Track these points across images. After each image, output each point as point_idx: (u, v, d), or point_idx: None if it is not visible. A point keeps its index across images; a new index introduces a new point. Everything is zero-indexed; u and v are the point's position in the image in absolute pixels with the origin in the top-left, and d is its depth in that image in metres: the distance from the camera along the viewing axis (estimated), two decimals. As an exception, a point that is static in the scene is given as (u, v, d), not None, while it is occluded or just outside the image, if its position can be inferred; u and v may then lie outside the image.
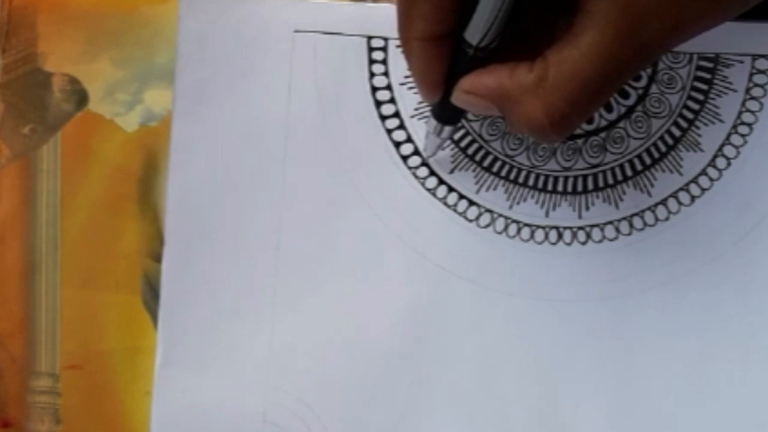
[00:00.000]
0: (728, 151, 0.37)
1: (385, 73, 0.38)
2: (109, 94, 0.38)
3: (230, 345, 0.37)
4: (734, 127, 0.37)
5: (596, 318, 0.36)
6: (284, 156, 0.38)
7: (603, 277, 0.37)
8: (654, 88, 0.37)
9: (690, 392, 0.36)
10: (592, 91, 0.29)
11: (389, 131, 0.37)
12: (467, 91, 0.32)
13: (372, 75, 0.38)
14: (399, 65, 0.37)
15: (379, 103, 0.38)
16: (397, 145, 0.37)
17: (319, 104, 0.38)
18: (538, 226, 0.37)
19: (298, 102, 0.38)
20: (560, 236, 0.37)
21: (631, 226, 0.37)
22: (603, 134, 0.37)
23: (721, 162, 0.37)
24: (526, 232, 0.37)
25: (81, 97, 0.38)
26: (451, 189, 0.37)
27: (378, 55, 0.38)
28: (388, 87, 0.37)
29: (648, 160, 0.37)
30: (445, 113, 0.34)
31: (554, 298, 0.37)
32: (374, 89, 0.38)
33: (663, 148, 0.37)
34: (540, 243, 0.37)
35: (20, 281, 0.38)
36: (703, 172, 0.37)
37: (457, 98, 0.32)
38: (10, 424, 0.38)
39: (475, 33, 0.30)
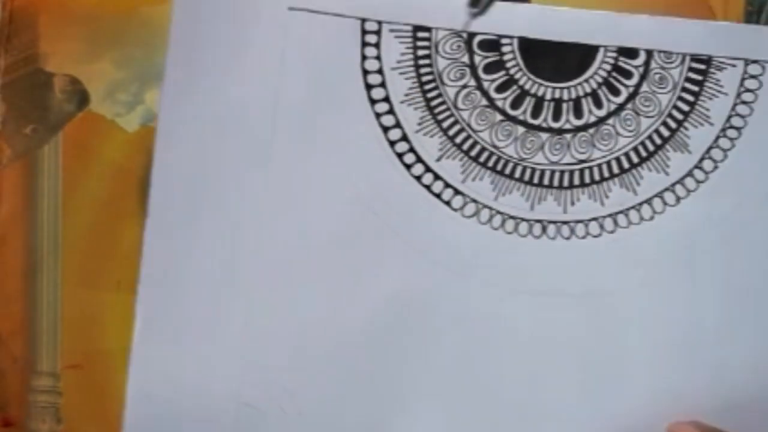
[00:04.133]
0: (716, 153, 0.37)
1: (378, 57, 0.37)
2: (110, 95, 0.38)
3: (208, 325, 0.37)
4: (723, 130, 0.37)
5: (577, 312, 0.36)
6: (272, 135, 0.37)
7: (585, 273, 0.37)
8: (645, 87, 0.37)
9: (670, 385, 0.36)
10: None
11: (378, 115, 0.37)
12: None
13: (364, 58, 0.37)
14: (391, 50, 0.37)
15: (369, 87, 0.37)
16: (386, 129, 0.37)
17: (309, 84, 0.37)
18: (523, 219, 0.37)
19: (288, 81, 0.37)
20: (544, 230, 0.37)
21: (616, 223, 0.37)
22: (591, 130, 0.37)
23: (708, 164, 0.37)
24: (510, 225, 0.37)
25: (82, 98, 0.39)
26: (437, 177, 0.37)
27: (371, 39, 0.37)
28: (380, 71, 0.37)
29: (635, 159, 0.37)
30: None
31: (536, 291, 0.37)
32: (365, 72, 0.37)
33: (651, 148, 0.37)
34: (524, 236, 0.37)
35: (21, 281, 0.38)
36: (690, 174, 0.37)
37: None
38: (11, 423, 0.38)
39: None
